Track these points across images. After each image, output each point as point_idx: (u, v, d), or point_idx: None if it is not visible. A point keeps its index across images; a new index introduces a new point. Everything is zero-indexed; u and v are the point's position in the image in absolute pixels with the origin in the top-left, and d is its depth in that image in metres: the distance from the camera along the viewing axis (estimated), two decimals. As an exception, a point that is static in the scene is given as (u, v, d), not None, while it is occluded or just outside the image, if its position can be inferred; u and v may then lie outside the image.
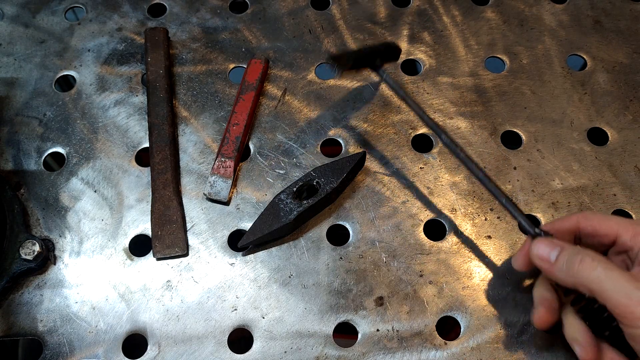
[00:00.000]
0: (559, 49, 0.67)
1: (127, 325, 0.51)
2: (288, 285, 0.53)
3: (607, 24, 0.69)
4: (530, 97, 0.63)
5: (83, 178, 0.58)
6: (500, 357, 0.50)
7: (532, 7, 0.70)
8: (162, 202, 0.55)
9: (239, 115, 0.59)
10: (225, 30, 0.67)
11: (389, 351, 0.50)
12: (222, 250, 0.55)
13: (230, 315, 0.52)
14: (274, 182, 0.58)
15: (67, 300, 0.52)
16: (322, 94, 0.63)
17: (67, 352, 0.50)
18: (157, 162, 0.57)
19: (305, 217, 0.55)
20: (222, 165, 0.57)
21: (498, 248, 0.55)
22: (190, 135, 0.61)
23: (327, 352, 0.50)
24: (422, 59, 0.66)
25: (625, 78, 0.65)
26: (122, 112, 0.62)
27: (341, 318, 0.52)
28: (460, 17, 0.69)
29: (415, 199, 0.57)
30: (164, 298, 0.52)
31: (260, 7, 0.69)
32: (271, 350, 0.50)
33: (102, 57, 0.65)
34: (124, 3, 0.69)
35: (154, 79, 0.61)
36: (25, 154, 0.59)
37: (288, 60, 0.65)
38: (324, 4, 0.70)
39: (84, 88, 0.63)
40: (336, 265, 0.54)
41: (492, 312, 0.52)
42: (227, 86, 0.64)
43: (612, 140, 0.61)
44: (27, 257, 0.51)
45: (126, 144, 0.60)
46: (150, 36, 0.64)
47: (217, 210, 0.57)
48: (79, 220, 0.56)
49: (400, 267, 0.54)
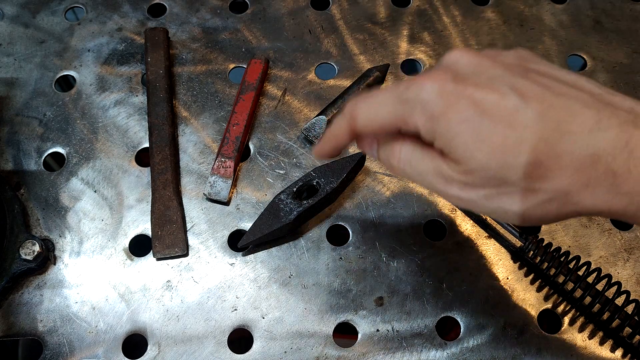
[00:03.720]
0: (559, 49, 0.67)
1: (127, 326, 0.51)
2: (288, 285, 0.53)
3: (607, 24, 0.69)
4: (530, 97, 0.63)
5: (83, 178, 0.58)
6: (500, 357, 0.50)
7: (532, 7, 0.70)
8: (162, 202, 0.55)
9: (239, 115, 0.59)
10: (225, 30, 0.67)
11: (389, 351, 0.50)
12: (222, 250, 0.55)
13: (230, 315, 0.52)
14: (274, 182, 0.58)
15: (67, 300, 0.52)
16: (322, 94, 0.63)
17: (67, 352, 0.50)
18: (157, 162, 0.57)
19: (305, 217, 0.55)
20: (222, 165, 0.57)
21: (498, 248, 0.55)
22: (190, 135, 0.61)
23: (327, 352, 0.50)
24: (422, 59, 0.66)
25: (625, 78, 0.65)
26: (122, 112, 0.62)
27: (341, 318, 0.52)
28: (460, 17, 0.69)
29: (415, 199, 0.57)
30: (164, 298, 0.52)
31: (260, 7, 0.69)
32: (271, 350, 0.50)
33: (102, 57, 0.65)
34: (124, 3, 0.69)
35: (154, 79, 0.61)
36: (25, 154, 0.59)
37: (288, 60, 0.65)
38: (324, 4, 0.70)
39: (84, 88, 0.63)
40: (336, 265, 0.54)
41: (492, 312, 0.52)
42: (227, 86, 0.64)
43: (612, 140, 0.61)
44: (27, 257, 0.51)
45: (126, 144, 0.60)
46: (150, 36, 0.64)
47: (217, 210, 0.57)
48: (79, 220, 0.56)
49: (400, 267, 0.54)
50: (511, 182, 0.33)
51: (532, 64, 0.36)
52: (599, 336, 0.51)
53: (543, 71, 0.35)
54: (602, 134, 0.31)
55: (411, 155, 0.38)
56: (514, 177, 0.33)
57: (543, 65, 0.36)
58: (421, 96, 0.34)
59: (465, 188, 0.35)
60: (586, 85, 0.34)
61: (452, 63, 0.37)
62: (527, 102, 0.32)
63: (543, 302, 0.53)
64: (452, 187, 0.36)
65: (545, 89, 0.33)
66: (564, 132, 0.32)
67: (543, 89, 0.33)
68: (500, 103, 0.33)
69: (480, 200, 0.35)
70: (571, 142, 0.31)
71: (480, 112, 0.33)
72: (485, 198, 0.35)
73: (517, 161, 0.32)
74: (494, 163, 0.33)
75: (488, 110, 0.33)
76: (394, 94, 0.36)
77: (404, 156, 0.38)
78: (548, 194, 0.33)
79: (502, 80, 0.34)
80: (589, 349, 0.51)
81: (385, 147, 0.39)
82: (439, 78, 0.34)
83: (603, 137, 0.31)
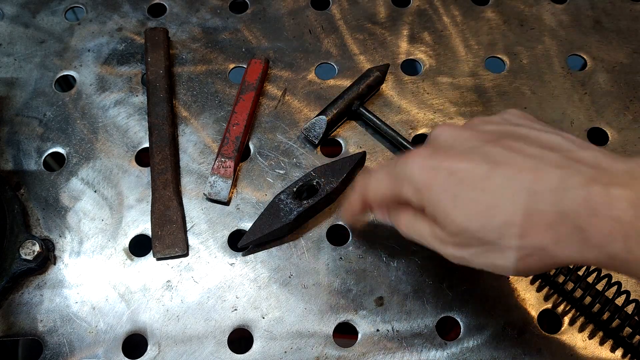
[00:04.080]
0: (559, 49, 0.67)
1: (127, 325, 0.51)
2: (288, 285, 0.53)
3: (607, 24, 0.69)
4: (531, 97, 0.63)
5: (83, 178, 0.58)
6: (500, 357, 0.50)
7: (532, 7, 0.70)
8: (162, 202, 0.55)
9: (239, 115, 0.59)
10: (225, 30, 0.67)
11: (389, 351, 0.50)
12: (222, 250, 0.55)
13: (230, 315, 0.52)
14: (274, 182, 0.58)
15: (67, 300, 0.52)
16: (322, 94, 0.63)
17: (67, 352, 0.50)
18: (157, 162, 0.57)
19: (305, 217, 0.55)
20: (222, 165, 0.57)
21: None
22: (190, 135, 0.61)
23: (327, 352, 0.50)
24: (422, 59, 0.66)
25: (625, 78, 0.65)
26: (122, 112, 0.62)
27: (341, 318, 0.52)
28: (460, 17, 0.69)
29: (415, 199, 0.57)
30: (164, 298, 0.52)
31: (260, 7, 0.69)
32: (271, 350, 0.50)
33: (102, 57, 0.65)
34: (124, 3, 0.69)
35: (154, 79, 0.61)
36: (25, 154, 0.59)
37: (288, 60, 0.65)
38: (324, 4, 0.70)
39: (84, 88, 0.63)
40: (336, 265, 0.54)
41: (492, 312, 0.52)
42: (227, 86, 0.64)
43: (612, 140, 0.61)
44: (27, 257, 0.51)
45: (126, 144, 0.60)
46: (150, 36, 0.64)
47: (217, 210, 0.57)
48: (79, 220, 0.56)
49: (400, 267, 0.54)
50: (492, 242, 0.36)
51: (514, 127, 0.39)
52: (599, 336, 0.51)
53: (519, 134, 0.38)
54: (566, 193, 0.33)
55: (413, 221, 0.42)
56: (492, 236, 0.36)
57: (524, 128, 0.39)
58: (406, 172, 0.39)
59: (457, 248, 0.38)
60: (559, 143, 0.37)
61: (434, 138, 0.41)
62: (496, 168, 0.35)
63: (543, 302, 0.53)
64: (447, 247, 0.39)
65: (516, 153, 0.36)
66: (532, 193, 0.34)
67: (514, 154, 0.36)
68: (474, 171, 0.36)
69: (472, 258, 0.38)
70: (539, 202, 0.34)
71: (456, 181, 0.37)
72: (476, 256, 0.38)
73: (492, 223, 0.35)
74: (472, 225, 0.36)
75: (463, 179, 0.36)
76: (388, 171, 0.42)
77: (407, 222, 0.43)
78: (526, 250, 0.35)
79: (476, 150, 0.37)
80: (589, 349, 0.51)
81: (393, 215, 0.44)
82: (421, 154, 0.39)
83: (567, 196, 0.33)
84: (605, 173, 0.33)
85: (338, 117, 0.59)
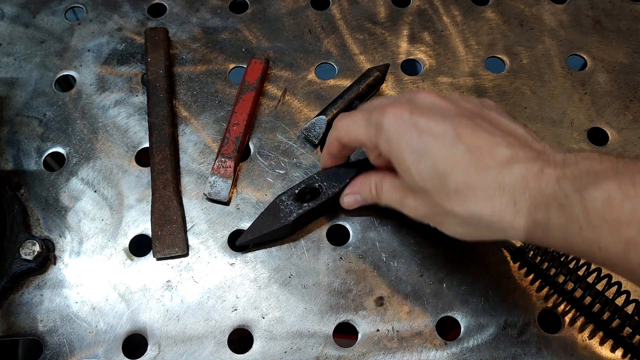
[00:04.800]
0: (559, 49, 0.67)
1: (127, 326, 0.51)
2: (288, 285, 0.53)
3: (607, 24, 0.69)
4: (531, 97, 0.63)
5: (83, 178, 0.58)
6: (500, 357, 0.50)
7: (532, 7, 0.70)
8: (162, 202, 0.55)
9: (239, 115, 0.59)
10: (225, 30, 0.67)
11: (389, 351, 0.50)
12: (222, 250, 0.55)
13: (230, 315, 0.52)
14: (274, 182, 0.58)
15: (67, 300, 0.52)
16: (322, 94, 0.63)
17: (67, 352, 0.50)
18: (157, 162, 0.57)
19: (305, 221, 0.55)
20: (222, 165, 0.57)
21: (498, 248, 0.55)
22: (190, 135, 0.61)
23: (327, 352, 0.50)
24: (422, 59, 0.66)
25: (625, 78, 0.65)
26: (122, 112, 0.62)
27: (341, 318, 0.52)
28: (460, 17, 0.69)
29: (415, 199, 0.57)
30: (164, 298, 0.52)
31: (260, 7, 0.69)
32: (271, 350, 0.50)
33: (102, 57, 0.65)
34: (124, 3, 0.69)
35: (154, 79, 0.61)
36: (25, 154, 0.59)
37: (288, 60, 0.65)
38: (324, 4, 0.70)
39: (84, 88, 0.63)
40: (336, 265, 0.54)
41: (492, 312, 0.52)
42: (227, 86, 0.64)
43: (612, 140, 0.61)
44: (27, 257, 0.51)
45: (126, 144, 0.60)
46: (150, 36, 0.64)
47: (217, 210, 0.57)
48: (79, 220, 0.56)
49: (400, 267, 0.54)
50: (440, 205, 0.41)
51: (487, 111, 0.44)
52: (599, 336, 0.51)
53: (489, 117, 0.43)
54: (509, 169, 0.38)
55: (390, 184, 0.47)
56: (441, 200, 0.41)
57: (495, 114, 0.44)
58: (383, 122, 0.43)
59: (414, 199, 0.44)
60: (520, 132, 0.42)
61: (416, 99, 0.45)
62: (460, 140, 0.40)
63: (543, 302, 0.53)
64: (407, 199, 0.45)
65: (482, 130, 0.41)
66: (482, 168, 0.39)
67: (479, 131, 0.40)
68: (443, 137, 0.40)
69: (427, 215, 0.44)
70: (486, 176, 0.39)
71: (425, 141, 0.41)
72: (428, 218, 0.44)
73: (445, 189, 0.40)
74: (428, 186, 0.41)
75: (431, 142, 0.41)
76: (365, 116, 0.46)
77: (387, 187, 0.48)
78: (466, 218, 0.40)
79: (450, 119, 0.41)
80: (589, 349, 0.51)
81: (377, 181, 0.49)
82: (400, 109, 0.43)
83: (510, 171, 0.38)
84: (546, 158, 0.38)
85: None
